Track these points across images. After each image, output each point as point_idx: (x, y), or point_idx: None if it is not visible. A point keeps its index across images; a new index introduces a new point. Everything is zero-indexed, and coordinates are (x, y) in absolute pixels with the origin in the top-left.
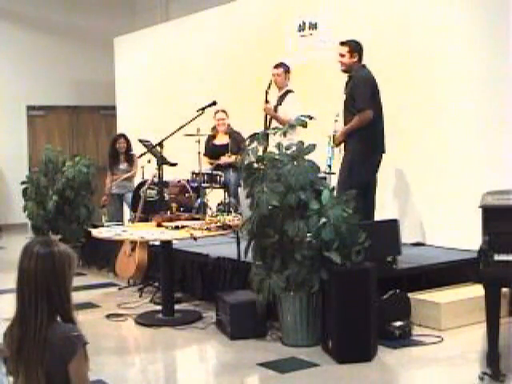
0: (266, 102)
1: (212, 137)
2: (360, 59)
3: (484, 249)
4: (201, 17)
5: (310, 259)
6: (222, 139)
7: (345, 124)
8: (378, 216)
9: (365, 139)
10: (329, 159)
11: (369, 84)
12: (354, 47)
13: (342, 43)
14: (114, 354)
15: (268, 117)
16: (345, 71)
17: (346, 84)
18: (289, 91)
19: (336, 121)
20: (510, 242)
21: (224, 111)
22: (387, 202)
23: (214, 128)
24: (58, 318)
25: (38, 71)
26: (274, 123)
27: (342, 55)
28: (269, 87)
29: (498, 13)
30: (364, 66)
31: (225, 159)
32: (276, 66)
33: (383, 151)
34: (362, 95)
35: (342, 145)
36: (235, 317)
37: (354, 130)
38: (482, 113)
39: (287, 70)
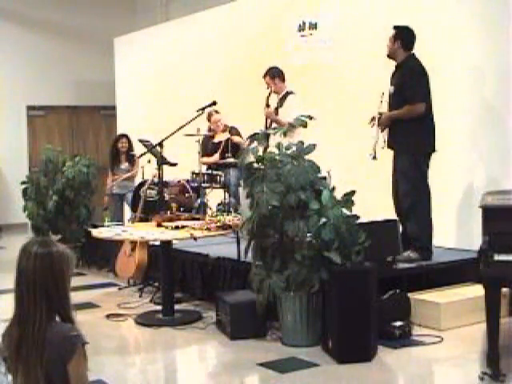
0: (267, 106)
1: (210, 136)
2: (405, 47)
3: (484, 249)
4: (201, 17)
5: (309, 259)
6: (220, 137)
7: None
8: (379, 216)
9: (411, 136)
10: (375, 143)
11: (420, 75)
12: (397, 33)
13: (394, 27)
14: (114, 354)
15: (269, 120)
16: (388, 56)
17: (393, 75)
18: (288, 93)
19: (381, 102)
20: (510, 242)
21: (217, 112)
22: (387, 201)
23: (210, 130)
24: (57, 318)
25: (37, 71)
26: (275, 126)
27: (390, 39)
28: (269, 94)
29: (499, 8)
30: (412, 56)
31: (237, 139)
32: (263, 76)
33: (433, 150)
34: (414, 87)
35: (386, 132)
36: (235, 317)
37: (400, 120)
38: (483, 113)
39: (274, 76)
